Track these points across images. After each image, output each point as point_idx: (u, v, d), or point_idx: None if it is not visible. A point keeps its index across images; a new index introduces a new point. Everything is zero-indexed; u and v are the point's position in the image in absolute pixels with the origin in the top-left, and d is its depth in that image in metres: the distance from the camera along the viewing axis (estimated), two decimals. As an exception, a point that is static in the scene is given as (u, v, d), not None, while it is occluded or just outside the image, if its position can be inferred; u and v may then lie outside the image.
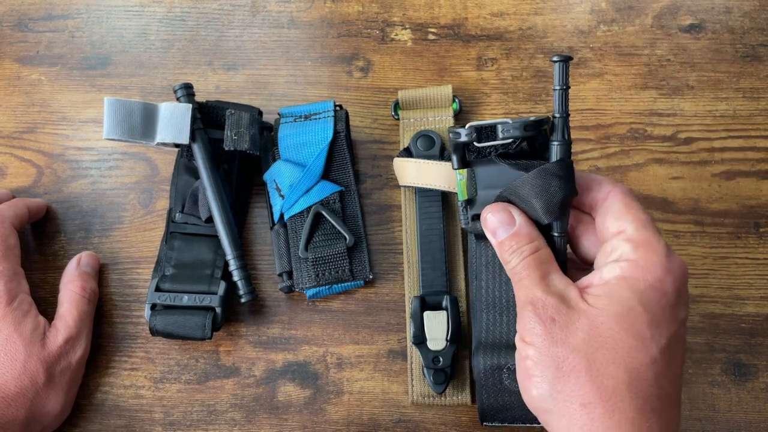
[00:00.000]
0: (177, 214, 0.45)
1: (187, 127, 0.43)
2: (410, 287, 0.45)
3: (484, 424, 0.37)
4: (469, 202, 0.36)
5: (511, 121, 0.33)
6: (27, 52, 0.52)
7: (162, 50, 0.52)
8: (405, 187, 0.46)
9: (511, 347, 0.34)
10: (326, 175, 0.46)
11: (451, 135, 0.35)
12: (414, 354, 0.43)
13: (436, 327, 0.41)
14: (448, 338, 0.41)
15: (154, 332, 0.42)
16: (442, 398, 0.42)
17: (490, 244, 0.35)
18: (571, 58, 0.33)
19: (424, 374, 0.42)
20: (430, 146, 0.45)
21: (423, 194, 0.45)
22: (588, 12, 0.51)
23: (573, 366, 0.30)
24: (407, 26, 0.51)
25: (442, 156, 0.45)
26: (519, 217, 0.34)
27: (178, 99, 0.44)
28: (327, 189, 0.45)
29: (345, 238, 0.44)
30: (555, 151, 0.33)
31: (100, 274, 0.47)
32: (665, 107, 0.49)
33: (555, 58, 0.32)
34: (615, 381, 0.29)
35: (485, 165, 0.36)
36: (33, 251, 0.48)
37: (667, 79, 0.49)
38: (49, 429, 0.42)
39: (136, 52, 0.52)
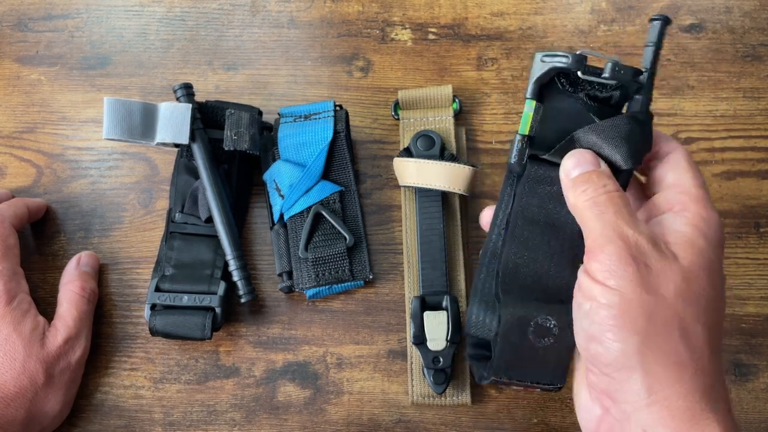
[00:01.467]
0: (177, 214, 0.45)
1: (186, 127, 0.43)
2: (410, 287, 0.45)
3: (492, 379, 0.33)
4: (530, 139, 0.33)
5: (620, 62, 0.31)
6: (27, 52, 0.52)
7: (162, 50, 0.52)
8: (405, 187, 0.46)
9: (541, 299, 0.32)
10: (326, 175, 0.46)
11: (542, 58, 0.32)
12: (414, 354, 0.43)
13: (436, 327, 0.41)
14: (448, 338, 0.41)
15: (153, 332, 0.42)
16: (442, 398, 0.42)
17: (537, 190, 0.33)
18: (670, 20, 0.32)
19: (424, 374, 0.42)
20: (430, 146, 0.45)
21: (423, 194, 0.45)
22: (588, 12, 0.51)
23: (666, 320, 0.27)
24: (407, 26, 0.51)
25: (442, 156, 0.45)
26: (604, 164, 0.31)
27: (177, 99, 0.44)
28: (327, 189, 0.45)
29: (345, 238, 0.44)
30: (642, 103, 0.32)
31: (100, 274, 0.47)
32: (665, 107, 0.49)
33: (655, 16, 0.32)
34: (701, 340, 0.28)
35: (561, 101, 0.33)
36: (33, 251, 0.48)
37: (667, 79, 0.49)
38: (49, 429, 0.42)
39: (135, 51, 0.52)
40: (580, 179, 0.31)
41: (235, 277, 0.43)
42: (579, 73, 0.31)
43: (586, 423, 0.31)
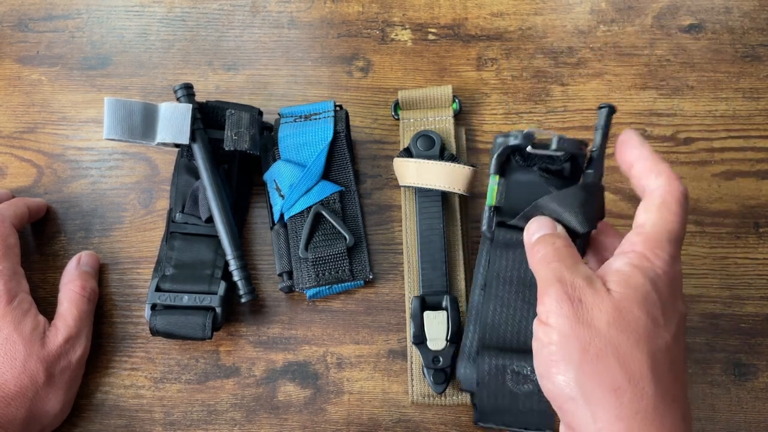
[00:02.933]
0: (177, 214, 0.45)
1: (187, 127, 0.43)
2: (410, 287, 0.45)
3: (479, 424, 0.37)
4: (497, 209, 0.38)
5: (566, 136, 0.35)
6: (27, 52, 0.52)
7: (162, 50, 0.52)
8: (405, 187, 0.46)
9: (518, 349, 0.35)
10: (326, 175, 0.46)
11: (498, 139, 0.37)
12: (414, 354, 0.43)
13: (436, 327, 0.41)
14: (448, 338, 0.41)
15: (154, 332, 0.42)
16: (442, 398, 0.42)
17: (508, 253, 0.37)
18: (615, 109, 0.36)
19: (424, 374, 0.42)
20: (430, 146, 0.45)
21: (423, 194, 0.45)
22: (588, 12, 0.51)
23: (599, 349, 0.29)
24: (407, 26, 0.51)
25: (442, 156, 0.45)
26: (560, 227, 0.35)
27: (178, 99, 0.44)
28: (327, 189, 0.45)
29: (345, 238, 0.44)
30: (593, 176, 0.36)
31: (101, 273, 0.47)
32: (665, 107, 0.49)
33: (602, 105, 0.35)
34: (640, 365, 0.29)
35: (521, 175, 0.38)
36: (33, 251, 0.48)
37: (666, 80, 0.49)
38: (49, 428, 0.42)
39: (136, 52, 0.52)
40: (537, 242, 0.34)
41: (236, 277, 0.43)
42: (528, 148, 0.35)
43: None
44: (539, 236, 0.34)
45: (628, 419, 0.28)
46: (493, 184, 0.37)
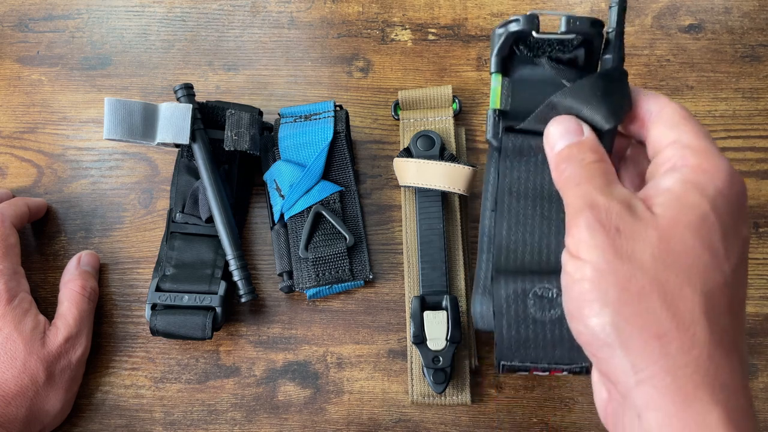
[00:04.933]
0: (177, 214, 0.45)
1: (187, 128, 0.43)
2: (410, 287, 0.45)
3: (502, 363, 0.30)
4: (502, 113, 0.32)
5: (577, 15, 0.31)
6: (27, 53, 0.52)
7: (162, 50, 0.52)
8: (405, 187, 0.46)
9: (541, 271, 0.30)
10: (326, 175, 0.46)
11: (498, 30, 0.31)
12: (414, 354, 0.43)
13: (436, 327, 0.41)
14: (448, 338, 0.41)
15: (154, 332, 0.42)
16: (442, 398, 0.42)
17: (520, 162, 0.31)
18: (626, 4, 0.31)
19: (424, 374, 0.42)
20: (430, 146, 0.45)
21: (423, 194, 0.45)
22: (588, 12, 0.51)
23: (642, 287, 0.25)
24: (407, 26, 0.51)
25: (442, 156, 0.45)
26: (588, 129, 0.29)
27: (178, 99, 0.44)
28: (327, 189, 0.45)
29: (345, 238, 0.44)
30: (613, 60, 0.31)
31: (101, 273, 0.47)
32: (665, 107, 0.49)
33: (613, 4, 0.31)
34: (691, 306, 0.24)
35: (527, 70, 0.32)
36: (33, 251, 0.48)
37: (666, 80, 0.49)
38: (50, 428, 0.42)
39: (136, 52, 0.52)
40: (561, 156, 0.29)
41: (236, 276, 0.43)
42: (533, 33, 0.30)
43: (598, 406, 0.29)
44: (564, 147, 0.29)
45: (675, 371, 0.24)
46: (495, 84, 0.32)
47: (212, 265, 0.44)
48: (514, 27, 0.30)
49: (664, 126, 0.28)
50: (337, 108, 0.46)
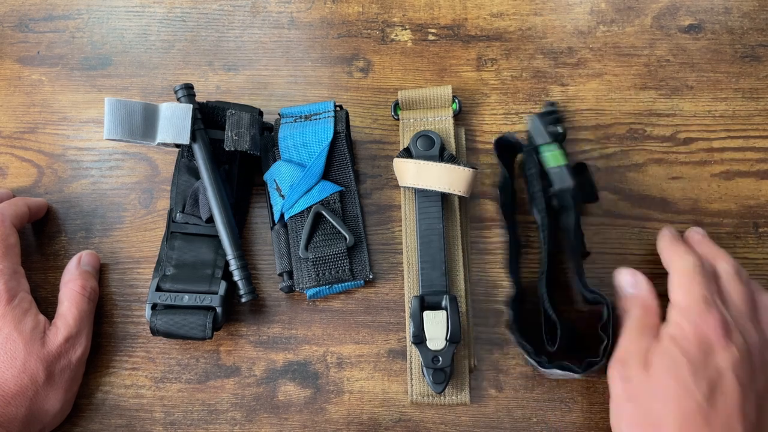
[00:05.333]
0: (178, 214, 0.45)
1: (187, 128, 0.43)
2: (410, 287, 0.45)
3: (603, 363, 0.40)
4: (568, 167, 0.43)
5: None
6: (28, 53, 0.52)
7: (162, 51, 0.52)
8: (405, 187, 0.46)
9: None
10: (326, 175, 0.46)
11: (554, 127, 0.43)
12: (413, 353, 0.43)
13: (436, 326, 0.41)
14: (448, 338, 0.41)
15: (154, 332, 0.43)
16: (442, 398, 0.43)
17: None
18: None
19: (423, 374, 0.42)
20: (429, 146, 0.45)
21: (423, 194, 0.45)
22: (587, 12, 0.51)
23: (639, 418, 0.36)
24: (407, 27, 0.52)
25: (442, 156, 0.45)
26: (646, 287, 0.41)
27: (178, 99, 0.44)
28: (327, 189, 0.45)
29: (345, 238, 0.44)
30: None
31: (101, 273, 0.47)
32: (664, 107, 0.49)
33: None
34: (671, 427, 0.35)
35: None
36: (34, 251, 0.48)
37: (666, 80, 0.49)
38: (49, 427, 0.42)
39: (136, 52, 0.52)
40: (627, 301, 0.41)
41: (236, 276, 0.43)
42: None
43: None
44: (631, 295, 0.41)
45: None
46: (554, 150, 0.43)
47: (212, 265, 0.44)
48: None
49: (672, 286, 0.39)
50: (337, 108, 0.47)
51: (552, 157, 0.42)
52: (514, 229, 0.45)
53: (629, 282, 0.42)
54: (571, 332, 0.42)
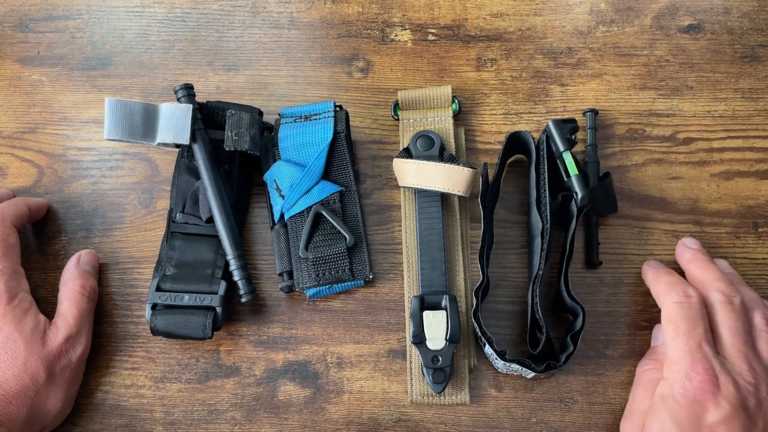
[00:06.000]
0: (178, 214, 0.45)
1: (187, 128, 0.43)
2: (410, 287, 0.45)
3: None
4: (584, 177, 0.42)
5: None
6: (28, 53, 0.52)
7: (163, 51, 0.52)
8: (404, 187, 0.46)
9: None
10: (326, 175, 0.46)
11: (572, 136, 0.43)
12: (413, 353, 0.43)
13: (436, 326, 0.41)
14: (448, 338, 0.41)
15: (154, 332, 0.43)
16: (441, 398, 0.43)
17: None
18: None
19: (423, 374, 0.42)
20: (429, 146, 0.45)
21: (422, 194, 0.45)
22: (587, 12, 0.51)
23: None
24: (407, 27, 0.52)
25: (442, 156, 0.45)
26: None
27: (178, 99, 0.44)
28: (327, 189, 0.45)
29: (345, 238, 0.44)
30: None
31: (101, 273, 0.47)
32: (664, 107, 0.49)
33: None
34: None
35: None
36: (34, 251, 0.48)
37: (666, 80, 0.49)
38: (50, 427, 0.42)
39: (136, 52, 0.52)
40: (648, 354, 0.43)
41: (236, 276, 0.43)
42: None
43: None
44: (651, 348, 0.43)
45: None
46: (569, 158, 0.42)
47: (213, 265, 0.44)
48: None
49: (662, 331, 0.39)
50: (337, 108, 0.47)
51: (573, 165, 0.42)
52: (491, 222, 0.45)
53: (656, 336, 0.43)
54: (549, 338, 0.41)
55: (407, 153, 0.46)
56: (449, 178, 0.43)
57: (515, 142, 0.45)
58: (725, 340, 0.38)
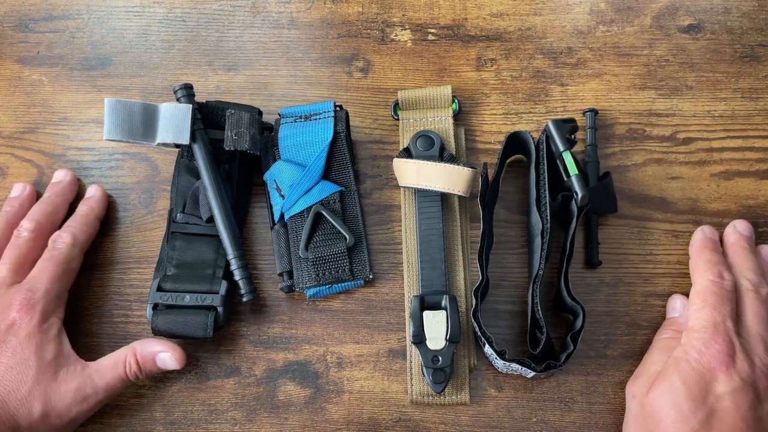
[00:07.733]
0: (178, 214, 0.45)
1: (187, 128, 0.43)
2: (410, 287, 0.45)
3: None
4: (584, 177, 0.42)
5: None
6: (28, 53, 0.52)
7: (162, 51, 0.52)
8: (404, 187, 0.46)
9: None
10: (326, 175, 0.46)
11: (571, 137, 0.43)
12: (413, 353, 0.43)
13: (436, 326, 0.41)
14: (448, 338, 0.41)
15: (155, 332, 0.43)
16: (441, 397, 0.43)
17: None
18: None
19: (423, 373, 0.42)
20: (429, 146, 0.45)
21: (422, 194, 0.45)
22: (587, 12, 0.51)
23: None
24: (407, 27, 0.52)
25: (442, 156, 0.45)
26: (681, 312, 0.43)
27: (178, 99, 0.44)
28: (327, 189, 0.45)
29: (345, 238, 0.44)
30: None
31: (101, 273, 0.47)
32: (664, 107, 0.49)
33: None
34: None
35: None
36: (34, 251, 0.48)
37: (665, 80, 0.49)
38: None
39: (136, 52, 0.52)
40: (665, 324, 0.43)
41: (237, 276, 0.43)
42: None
43: None
44: (671, 318, 0.43)
45: None
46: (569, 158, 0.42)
47: (213, 265, 0.44)
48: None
49: (689, 303, 0.40)
50: (337, 108, 0.47)
51: (572, 165, 0.42)
52: (491, 222, 0.45)
53: (675, 307, 0.43)
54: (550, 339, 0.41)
55: (407, 153, 0.46)
56: (449, 178, 0.43)
57: (515, 141, 0.45)
58: (749, 323, 0.39)
